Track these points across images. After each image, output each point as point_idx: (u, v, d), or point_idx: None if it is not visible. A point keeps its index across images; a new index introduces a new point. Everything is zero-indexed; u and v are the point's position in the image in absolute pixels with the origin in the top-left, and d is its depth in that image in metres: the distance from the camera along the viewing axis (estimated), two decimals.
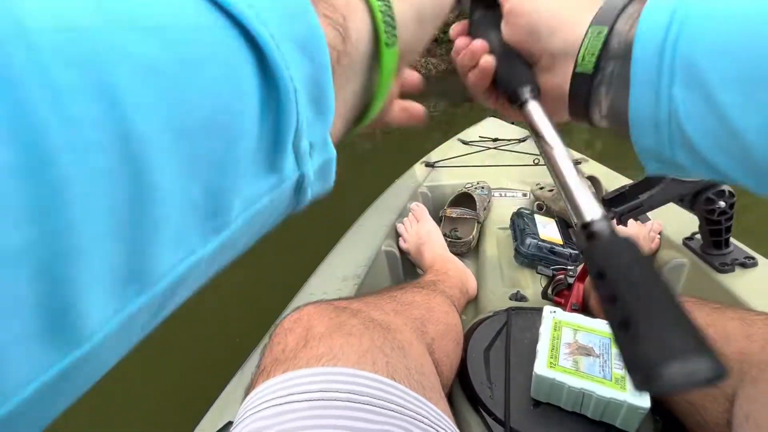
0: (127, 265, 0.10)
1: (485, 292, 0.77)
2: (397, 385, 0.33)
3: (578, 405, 0.46)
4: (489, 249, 0.92)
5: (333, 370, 0.32)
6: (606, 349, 0.47)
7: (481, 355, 0.55)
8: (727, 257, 0.65)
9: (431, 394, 0.36)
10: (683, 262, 0.70)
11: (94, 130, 0.09)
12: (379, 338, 0.37)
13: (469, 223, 1.01)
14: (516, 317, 0.59)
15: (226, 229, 0.12)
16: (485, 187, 1.13)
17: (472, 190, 1.08)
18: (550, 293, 0.68)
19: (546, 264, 0.79)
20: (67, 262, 0.09)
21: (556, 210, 1.01)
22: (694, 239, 0.72)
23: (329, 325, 0.36)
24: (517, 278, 0.80)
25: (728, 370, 0.14)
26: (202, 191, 0.11)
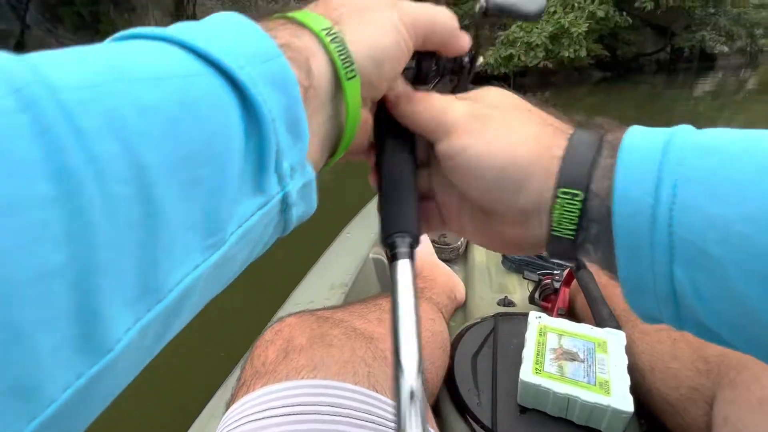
0: (142, 279, 0.12)
1: (473, 297, 0.77)
2: (378, 396, 0.33)
3: (564, 410, 0.45)
4: (477, 255, 0.92)
5: (313, 382, 0.32)
6: (590, 354, 0.47)
7: (469, 361, 0.55)
8: None
9: None
10: None
11: (112, 164, 0.11)
12: (361, 348, 0.37)
13: None
14: (503, 323, 0.59)
15: (223, 245, 0.14)
16: None
17: None
18: (538, 298, 0.68)
19: (533, 269, 0.79)
20: (95, 277, 0.10)
21: None
22: None
23: (310, 336, 0.37)
24: (505, 283, 0.80)
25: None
26: (201, 212, 0.13)
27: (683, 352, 0.43)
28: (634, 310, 0.21)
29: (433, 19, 0.22)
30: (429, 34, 0.23)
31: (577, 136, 0.21)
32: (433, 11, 0.23)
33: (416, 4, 0.22)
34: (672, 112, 5.32)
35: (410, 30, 0.21)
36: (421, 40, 0.22)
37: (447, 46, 0.24)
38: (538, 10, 0.26)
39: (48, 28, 8.76)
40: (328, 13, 0.20)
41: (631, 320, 0.52)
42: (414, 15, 0.22)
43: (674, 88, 7.94)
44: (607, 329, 0.50)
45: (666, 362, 0.44)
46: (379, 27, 0.20)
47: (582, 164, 0.19)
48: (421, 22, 0.22)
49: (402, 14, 0.21)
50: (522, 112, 0.23)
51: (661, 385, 0.44)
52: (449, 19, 0.23)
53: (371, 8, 0.21)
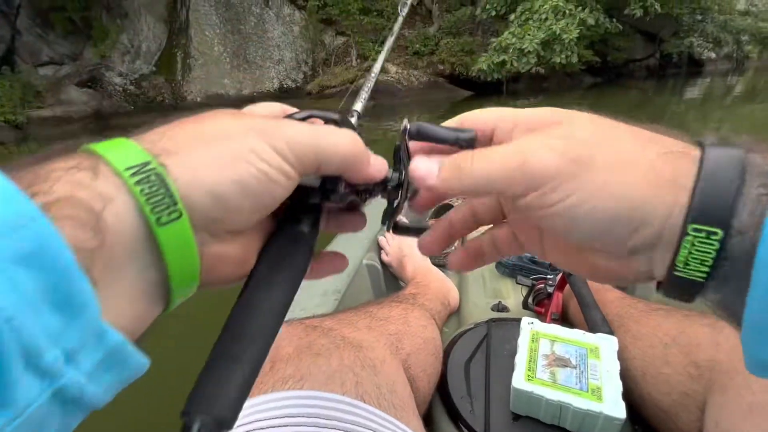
0: None
1: (467, 303, 0.77)
2: (365, 406, 0.33)
3: (557, 418, 0.45)
4: None
5: (299, 393, 0.32)
6: (582, 360, 0.47)
7: (462, 368, 0.54)
8: None
9: (402, 413, 0.35)
10: None
11: None
12: (349, 357, 0.37)
13: None
14: (496, 329, 0.59)
15: None
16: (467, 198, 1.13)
17: (454, 201, 1.08)
18: (531, 303, 0.68)
19: (526, 274, 0.79)
20: None
21: None
22: None
23: (298, 345, 0.36)
24: (499, 288, 0.80)
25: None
26: None
27: (675, 357, 0.43)
28: (753, 358, 0.17)
29: (317, 145, 0.19)
30: (320, 161, 0.19)
31: (713, 159, 0.17)
32: (318, 136, 0.19)
33: (299, 128, 0.19)
34: (663, 116, 5.40)
35: (288, 156, 0.18)
36: (310, 166, 0.19)
37: (350, 173, 0.21)
38: (468, 137, 0.22)
39: (39, 34, 8.69)
40: (157, 142, 0.17)
41: (624, 325, 0.52)
42: (291, 141, 0.18)
43: (664, 93, 8.06)
44: (599, 334, 0.50)
45: (658, 367, 0.44)
46: (227, 158, 0.17)
47: (722, 196, 0.16)
48: (302, 149, 0.19)
49: (273, 140, 0.18)
50: (628, 140, 0.18)
51: (654, 391, 0.44)
52: (347, 146, 0.20)
53: (221, 136, 0.18)
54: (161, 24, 9.24)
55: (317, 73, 9.13)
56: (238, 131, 0.18)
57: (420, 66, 8.90)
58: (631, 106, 6.63)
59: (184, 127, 0.18)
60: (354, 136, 0.21)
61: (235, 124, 0.18)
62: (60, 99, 8.21)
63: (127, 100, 8.64)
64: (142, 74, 8.96)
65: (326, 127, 0.21)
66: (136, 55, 9.10)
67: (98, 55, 8.73)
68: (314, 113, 0.24)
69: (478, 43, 9.19)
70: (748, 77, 9.79)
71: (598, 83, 9.68)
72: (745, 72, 10.95)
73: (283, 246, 0.22)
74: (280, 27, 8.97)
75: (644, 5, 7.17)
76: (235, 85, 8.79)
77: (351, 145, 0.20)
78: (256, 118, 0.20)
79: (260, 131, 0.18)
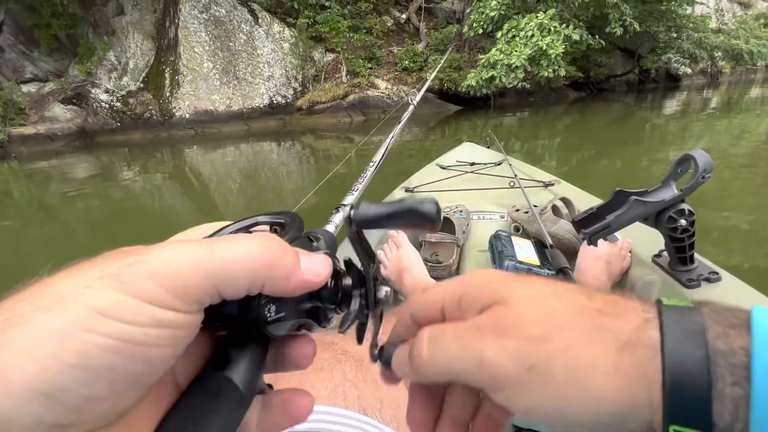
0: None
1: None
2: (368, 420, 0.33)
3: None
4: (469, 271, 0.93)
5: None
6: None
7: None
8: (693, 273, 0.68)
9: (405, 427, 0.35)
10: (653, 279, 0.72)
11: None
12: (351, 371, 0.37)
13: (449, 247, 1.03)
14: None
15: None
16: (464, 210, 1.15)
17: (451, 214, 1.10)
18: None
19: None
20: None
21: (531, 231, 1.03)
22: (662, 256, 0.74)
23: None
24: None
25: None
26: None
27: None
28: None
29: (208, 267, 0.15)
30: (218, 285, 0.15)
31: (673, 350, 0.15)
32: (208, 254, 0.15)
33: (178, 251, 0.15)
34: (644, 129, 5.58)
35: (162, 297, 0.14)
36: (206, 294, 0.15)
37: (273, 287, 0.17)
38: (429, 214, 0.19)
39: (22, 51, 8.62)
40: None
41: None
42: (166, 274, 0.14)
43: (644, 107, 8.35)
44: None
45: None
46: (55, 336, 0.13)
47: (695, 395, 0.15)
48: (186, 277, 0.14)
49: (135, 283, 0.14)
50: (580, 332, 0.17)
51: None
52: (253, 255, 0.16)
53: (50, 304, 0.13)
54: (149, 41, 9.27)
55: (307, 89, 9.22)
56: (75, 290, 0.14)
57: (409, 82, 9.07)
58: (613, 120, 6.84)
59: (6, 303, 0.14)
60: (266, 239, 0.17)
61: (74, 281, 0.14)
62: (44, 116, 8.10)
63: (113, 117, 8.57)
64: (130, 91, 8.93)
65: (223, 240, 0.16)
66: (123, 71, 9.09)
67: (84, 71, 8.69)
68: (260, 220, 0.21)
69: (465, 60, 9.44)
70: (722, 91, 10.22)
71: (582, 97, 10.00)
72: (719, 86, 11.44)
73: (194, 408, 0.16)
74: (269, 44, 9.08)
75: (623, 24, 7.48)
76: (224, 101, 8.81)
77: (260, 252, 0.16)
78: (117, 254, 0.15)
79: (113, 277, 0.14)
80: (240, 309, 0.17)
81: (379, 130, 1.39)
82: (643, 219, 0.66)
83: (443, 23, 10.63)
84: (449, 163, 1.66)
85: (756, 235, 1.99)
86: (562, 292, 0.18)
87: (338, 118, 8.45)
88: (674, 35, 10.00)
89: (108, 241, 2.63)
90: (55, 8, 8.19)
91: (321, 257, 0.19)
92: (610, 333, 0.16)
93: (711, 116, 6.45)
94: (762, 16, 12.72)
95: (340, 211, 0.33)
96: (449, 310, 0.20)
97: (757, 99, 8.23)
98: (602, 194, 1.06)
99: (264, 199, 3.43)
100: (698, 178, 0.60)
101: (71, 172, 5.32)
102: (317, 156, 5.33)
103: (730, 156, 3.55)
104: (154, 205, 3.54)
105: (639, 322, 0.16)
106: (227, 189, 3.92)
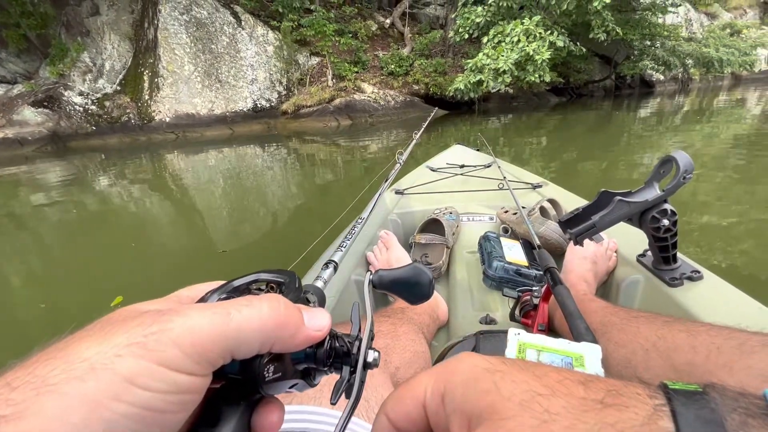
0: None
1: (456, 316, 0.77)
2: (355, 419, 0.33)
3: None
4: (459, 273, 0.93)
5: (289, 408, 0.32)
6: (568, 369, 0.48)
7: None
8: (676, 272, 0.70)
9: None
10: (638, 278, 0.74)
11: None
12: None
13: (439, 248, 1.03)
14: (484, 341, 0.60)
15: None
16: (453, 212, 1.16)
17: (441, 216, 1.10)
18: (518, 315, 0.69)
19: (512, 286, 0.81)
20: None
21: (520, 233, 1.04)
22: (646, 255, 0.76)
23: None
24: (487, 301, 0.82)
25: None
26: None
27: (655, 362, 0.45)
28: None
29: (224, 332, 0.16)
30: (231, 348, 0.16)
31: None
32: (225, 320, 0.16)
33: (197, 317, 0.16)
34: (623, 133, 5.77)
35: (183, 363, 0.15)
36: (220, 358, 0.16)
37: (280, 345, 0.18)
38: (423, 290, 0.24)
39: None
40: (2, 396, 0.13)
41: (607, 333, 0.54)
42: (187, 340, 0.15)
43: (621, 111, 8.63)
44: (584, 343, 0.52)
45: (640, 373, 0.46)
46: (84, 409, 0.13)
47: None
48: (204, 343, 0.15)
49: (159, 350, 0.15)
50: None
51: None
52: (265, 318, 0.17)
53: (80, 374, 0.14)
54: (126, 42, 9.05)
55: (292, 92, 9.16)
56: (105, 358, 0.14)
57: (395, 86, 9.13)
58: (593, 124, 7.03)
59: (36, 368, 0.14)
60: (275, 301, 0.18)
61: (103, 349, 0.14)
62: (12, 120, 7.77)
63: (88, 121, 8.30)
64: (106, 93, 8.68)
65: (237, 303, 0.17)
66: (98, 73, 8.83)
67: (56, 73, 8.40)
68: (261, 276, 0.21)
69: (450, 64, 9.56)
70: (692, 97, 10.66)
71: (563, 102, 10.27)
72: (690, 92, 11.93)
73: None
74: (253, 47, 8.99)
75: (606, 29, 7.73)
76: (206, 104, 8.66)
77: (270, 314, 0.17)
78: (140, 318, 0.16)
79: (140, 345, 0.14)
80: (242, 368, 0.18)
81: (369, 179, 1.40)
82: (627, 219, 0.68)
83: (427, 28, 10.75)
84: (439, 165, 1.67)
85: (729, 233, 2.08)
86: (557, 386, 0.16)
87: (325, 122, 8.43)
88: (648, 43, 10.39)
89: (82, 251, 2.53)
90: (25, 7, 7.91)
91: (321, 312, 0.20)
92: (619, 429, 0.14)
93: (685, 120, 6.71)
94: (728, 25, 13.36)
95: (329, 267, 0.35)
96: (431, 409, 0.18)
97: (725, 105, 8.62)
98: (588, 195, 1.09)
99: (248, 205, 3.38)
100: (680, 179, 0.62)
101: (42, 178, 5.13)
102: (303, 160, 5.29)
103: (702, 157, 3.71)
104: (131, 213, 3.43)
105: (648, 411, 0.15)
106: (210, 194, 3.84)
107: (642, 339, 0.48)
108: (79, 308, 1.72)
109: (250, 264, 2.00)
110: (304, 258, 0.87)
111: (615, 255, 0.82)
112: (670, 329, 0.46)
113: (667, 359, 0.44)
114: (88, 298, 1.82)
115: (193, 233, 2.73)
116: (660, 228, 0.66)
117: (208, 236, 2.61)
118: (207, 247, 2.38)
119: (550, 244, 0.95)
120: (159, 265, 2.17)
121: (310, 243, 0.92)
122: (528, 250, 0.96)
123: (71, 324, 0.17)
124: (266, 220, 2.86)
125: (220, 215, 3.10)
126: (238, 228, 2.70)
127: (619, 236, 0.83)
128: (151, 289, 0.23)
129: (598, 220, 0.66)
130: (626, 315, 0.55)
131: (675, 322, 0.48)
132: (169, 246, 2.51)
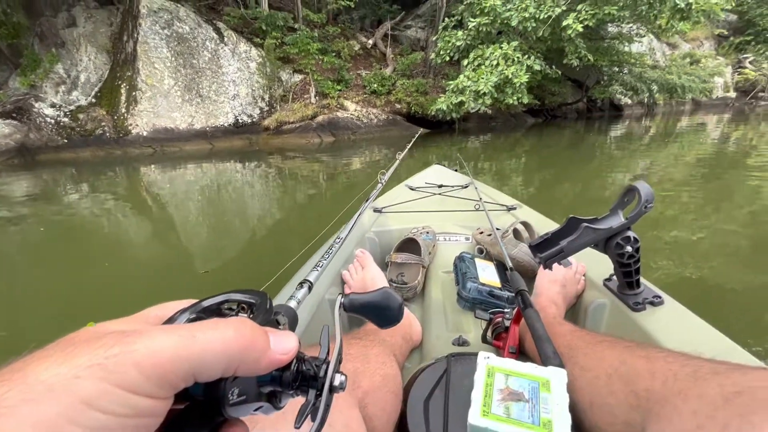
0: None
1: (430, 337, 0.77)
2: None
3: None
4: (434, 293, 0.94)
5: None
6: (535, 393, 0.49)
7: (421, 405, 0.54)
8: (639, 296, 0.72)
9: None
10: (604, 302, 0.77)
11: None
12: None
13: (415, 267, 1.04)
14: (456, 364, 0.60)
15: None
16: (430, 232, 1.17)
17: (418, 236, 1.11)
18: (490, 336, 0.70)
19: (485, 307, 0.82)
20: None
21: (494, 254, 1.07)
22: (612, 280, 0.79)
23: None
24: (461, 322, 0.82)
25: None
26: None
27: (617, 387, 0.46)
28: None
29: (187, 355, 0.16)
30: (194, 371, 0.16)
31: None
32: (189, 342, 0.16)
33: (160, 340, 0.16)
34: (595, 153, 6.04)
35: (143, 386, 0.15)
36: (182, 381, 0.16)
37: (245, 369, 0.18)
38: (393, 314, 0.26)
39: None
40: None
41: (573, 357, 0.55)
42: (148, 362, 0.15)
43: (593, 133, 9.04)
44: (550, 368, 0.53)
45: (603, 397, 0.47)
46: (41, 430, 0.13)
47: None
48: (166, 365, 0.15)
49: (119, 372, 0.14)
50: None
51: (600, 422, 0.47)
52: (230, 341, 0.17)
53: (38, 396, 0.13)
54: (104, 54, 8.87)
55: (274, 108, 9.15)
56: (63, 380, 0.14)
57: (378, 104, 9.27)
58: (567, 144, 7.32)
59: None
60: (241, 324, 0.18)
61: (62, 370, 0.14)
62: None
63: (59, 133, 8.00)
64: (80, 106, 8.42)
65: (203, 326, 0.17)
66: (72, 85, 8.59)
67: (26, 84, 8.11)
68: (232, 297, 0.21)
69: (431, 85, 9.80)
70: (657, 120, 11.29)
71: (538, 123, 10.67)
72: (655, 116, 12.64)
73: None
74: (235, 63, 8.98)
75: (579, 55, 8.16)
76: (186, 119, 8.54)
77: (235, 337, 0.17)
78: (103, 340, 0.15)
79: (101, 367, 0.14)
80: (205, 390, 0.17)
81: (346, 203, 1.42)
82: (593, 245, 0.71)
83: (408, 50, 11.05)
84: (418, 184, 1.70)
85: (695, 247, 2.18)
86: None
87: (307, 139, 8.43)
88: (617, 69, 10.99)
89: (51, 273, 2.41)
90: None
91: (288, 336, 0.20)
92: None
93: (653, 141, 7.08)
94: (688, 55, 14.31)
95: (303, 286, 0.35)
96: None
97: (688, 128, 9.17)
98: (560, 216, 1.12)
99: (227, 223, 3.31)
100: (641, 208, 0.65)
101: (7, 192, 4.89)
102: (284, 177, 5.26)
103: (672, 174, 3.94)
104: (104, 231, 3.30)
105: None
106: (187, 211, 3.75)
107: (606, 364, 0.50)
108: (46, 334, 1.62)
109: (227, 282, 1.96)
110: (280, 277, 0.86)
111: (583, 278, 0.85)
112: (631, 354, 0.48)
113: (627, 384, 0.45)
114: (55, 324, 1.72)
115: (169, 252, 2.65)
116: (624, 254, 0.69)
117: (185, 255, 2.53)
118: (183, 266, 2.31)
119: (522, 266, 0.97)
120: (134, 285, 2.09)
121: (287, 261, 0.91)
122: (501, 272, 0.98)
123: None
124: (244, 238, 2.81)
125: (198, 233, 3.03)
126: (216, 246, 2.64)
127: (588, 260, 0.86)
128: (125, 312, 0.22)
129: (566, 246, 0.68)
130: (591, 339, 0.57)
131: (636, 348, 0.49)
132: (144, 265, 2.42)
